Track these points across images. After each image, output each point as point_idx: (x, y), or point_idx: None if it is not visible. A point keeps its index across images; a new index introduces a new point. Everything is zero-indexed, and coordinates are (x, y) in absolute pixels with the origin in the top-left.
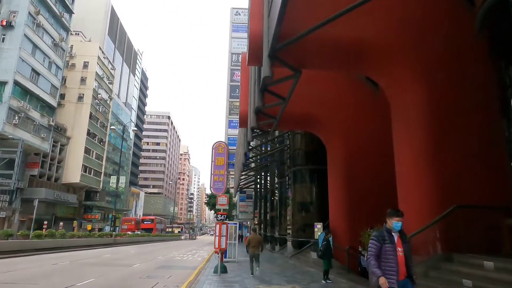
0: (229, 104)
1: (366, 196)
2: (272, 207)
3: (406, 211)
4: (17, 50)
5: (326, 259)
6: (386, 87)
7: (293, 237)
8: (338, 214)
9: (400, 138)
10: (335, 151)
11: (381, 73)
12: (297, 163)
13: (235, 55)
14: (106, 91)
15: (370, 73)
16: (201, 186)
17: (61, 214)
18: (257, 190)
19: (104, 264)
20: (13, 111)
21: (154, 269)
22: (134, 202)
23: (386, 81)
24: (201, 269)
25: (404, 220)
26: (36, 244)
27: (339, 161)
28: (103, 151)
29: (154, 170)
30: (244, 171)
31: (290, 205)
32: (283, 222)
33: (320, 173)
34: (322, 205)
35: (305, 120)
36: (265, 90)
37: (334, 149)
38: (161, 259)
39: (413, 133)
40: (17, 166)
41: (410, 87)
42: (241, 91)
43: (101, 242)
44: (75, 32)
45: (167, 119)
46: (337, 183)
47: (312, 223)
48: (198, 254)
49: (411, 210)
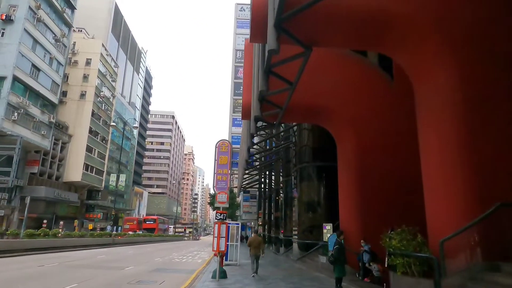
0: (233, 101)
1: (380, 194)
2: (276, 207)
3: (434, 210)
4: (17, 44)
5: (339, 264)
6: (410, 67)
7: (299, 239)
8: (349, 214)
9: (426, 127)
10: (345, 146)
11: (404, 50)
12: (303, 160)
13: (240, 52)
14: (109, 89)
15: (391, 50)
16: (205, 187)
17: (63, 213)
18: (261, 189)
19: (94, 267)
20: (12, 107)
21: (148, 272)
22: (137, 202)
23: (411, 59)
24: (199, 273)
25: (433, 221)
26: (26, 244)
27: (350, 156)
28: (105, 149)
29: (158, 170)
30: (248, 169)
31: (296, 205)
32: (289, 223)
33: (329, 170)
34: (331, 205)
35: (313, 112)
36: (270, 72)
37: (345, 143)
38: (158, 261)
39: (443, 120)
40: (16, 164)
41: (439, 66)
42: (244, 80)
43: (99, 242)
44: (78, 29)
45: (171, 119)
46: (348, 180)
47: (320, 224)
48: (199, 255)
49: (441, 209)
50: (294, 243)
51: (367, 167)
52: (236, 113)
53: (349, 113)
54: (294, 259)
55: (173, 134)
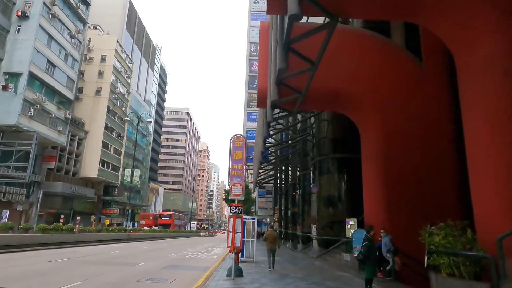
0: (248, 95)
1: (409, 186)
2: (293, 203)
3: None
4: (32, 41)
5: (369, 264)
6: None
7: (318, 235)
8: (375, 208)
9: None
10: (370, 135)
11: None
12: (322, 152)
13: (254, 45)
14: (124, 85)
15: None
16: (220, 183)
17: (80, 208)
18: (276, 185)
19: (105, 263)
20: (28, 103)
21: (160, 269)
22: (153, 198)
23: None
24: (213, 270)
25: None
26: (39, 239)
27: (375, 146)
28: (121, 145)
29: (173, 166)
30: (263, 163)
31: (314, 199)
32: (306, 218)
33: (350, 162)
34: (353, 199)
35: (334, 98)
36: (289, 48)
37: (370, 132)
38: (172, 257)
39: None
40: (32, 159)
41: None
42: (260, 65)
43: (114, 237)
44: (93, 26)
45: (186, 115)
46: (373, 172)
47: (340, 219)
48: (214, 251)
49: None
50: (314, 239)
51: (395, 158)
52: (250, 107)
53: (374, 98)
54: (314, 256)
55: (188, 131)
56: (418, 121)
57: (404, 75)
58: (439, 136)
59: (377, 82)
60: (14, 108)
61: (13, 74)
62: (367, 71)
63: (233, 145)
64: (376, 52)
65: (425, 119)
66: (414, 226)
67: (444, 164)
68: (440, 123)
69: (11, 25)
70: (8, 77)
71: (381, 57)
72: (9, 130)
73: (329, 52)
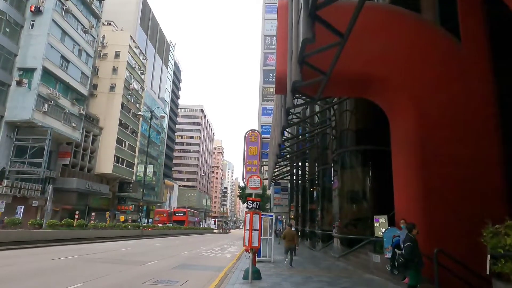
0: (263, 90)
1: (450, 180)
2: (311, 199)
3: None
4: (46, 36)
5: (413, 270)
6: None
7: (341, 233)
8: (408, 205)
9: None
10: (403, 124)
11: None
12: (344, 145)
13: (269, 38)
14: (138, 82)
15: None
16: (234, 181)
17: (95, 205)
18: (293, 181)
19: (113, 261)
20: (42, 98)
21: (170, 269)
22: (168, 195)
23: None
24: (228, 270)
25: None
26: (49, 235)
27: (409, 136)
28: (135, 142)
29: (188, 164)
30: (280, 158)
31: (336, 195)
32: (326, 215)
33: (376, 155)
34: (379, 194)
35: (361, 82)
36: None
37: (402, 120)
38: (185, 256)
39: None
40: (46, 155)
41: None
42: (278, 45)
43: (127, 234)
44: (107, 22)
45: (200, 113)
46: (406, 164)
47: (365, 216)
48: (229, 250)
49: None
50: (336, 238)
51: (432, 149)
52: (265, 102)
53: (407, 82)
54: (335, 256)
55: (202, 128)
56: (458, 105)
57: (441, 54)
58: (483, 122)
59: (410, 62)
60: (29, 104)
61: (27, 69)
62: (399, 51)
63: (248, 140)
64: (409, 29)
65: (466, 103)
66: (457, 225)
67: (490, 153)
68: (483, 108)
69: (25, 20)
70: (23, 73)
71: (415, 34)
72: (24, 125)
73: (356, 31)
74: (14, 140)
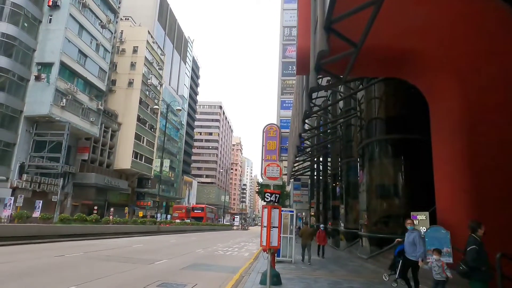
0: (282, 83)
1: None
2: (334, 195)
3: None
4: (63, 30)
5: (478, 281)
6: None
7: (369, 232)
8: (453, 200)
9: None
10: (446, 105)
11: None
12: (373, 134)
13: (288, 29)
14: (156, 77)
15: None
16: (253, 178)
17: (114, 200)
18: (313, 177)
19: (120, 259)
20: (60, 93)
21: (180, 269)
22: (187, 191)
23: None
24: (244, 272)
25: None
26: (59, 230)
27: (454, 120)
28: (154, 138)
29: (207, 160)
30: (301, 152)
31: (363, 190)
32: (350, 212)
33: (410, 144)
34: (413, 188)
35: (396, 59)
36: None
37: (445, 102)
38: (199, 253)
39: None
40: (65, 149)
41: None
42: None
43: (142, 229)
44: (125, 17)
45: (219, 109)
46: (450, 153)
47: (397, 213)
48: (246, 247)
49: None
50: (364, 237)
51: (482, 134)
52: (284, 95)
53: (452, 58)
54: (364, 257)
55: (221, 124)
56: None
57: (491, 28)
58: None
59: (457, 35)
60: (47, 98)
61: (45, 64)
62: (441, 22)
63: (266, 135)
64: None
65: None
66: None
67: None
68: None
69: (43, 15)
70: (41, 68)
71: (462, 3)
72: (42, 120)
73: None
74: (33, 135)
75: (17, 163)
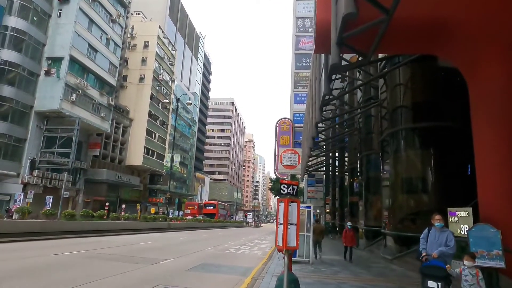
0: (295, 76)
1: None
2: (352, 191)
3: None
4: (72, 24)
5: None
6: None
7: (395, 230)
8: (500, 194)
9: None
10: (490, 85)
11: None
12: (398, 123)
13: (301, 20)
14: (167, 73)
15: None
16: (266, 175)
17: (127, 196)
18: (328, 172)
19: (121, 259)
20: (70, 88)
21: (186, 270)
22: (199, 188)
23: None
24: (256, 274)
25: None
26: (63, 226)
27: (499, 101)
28: (166, 134)
29: (219, 157)
30: (316, 147)
31: (386, 185)
32: (370, 209)
33: (441, 132)
34: (447, 181)
35: (430, 32)
36: None
37: (490, 81)
38: (209, 252)
39: None
40: (75, 145)
41: None
42: None
43: (152, 226)
44: (136, 13)
45: (231, 106)
46: (496, 140)
47: (427, 209)
48: (259, 245)
49: None
50: (388, 236)
51: None
52: (297, 89)
53: (501, 30)
54: (388, 258)
55: (233, 121)
56: None
57: None
58: None
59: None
60: (57, 93)
61: (55, 59)
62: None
63: (279, 129)
64: None
65: None
66: None
67: None
68: None
69: (52, 9)
70: (51, 62)
71: None
72: (53, 115)
73: None
74: (44, 130)
75: (28, 158)
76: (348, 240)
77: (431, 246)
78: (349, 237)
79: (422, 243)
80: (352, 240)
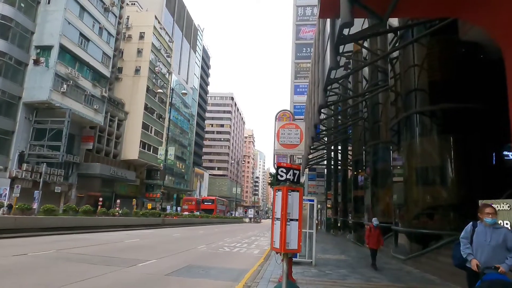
0: (295, 66)
1: None
2: (356, 185)
3: None
4: (62, 11)
5: None
6: None
7: (409, 227)
8: None
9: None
10: None
11: None
12: (412, 106)
13: (301, 8)
14: (164, 65)
15: None
16: (266, 171)
17: (123, 192)
18: (330, 166)
19: (95, 260)
20: (60, 78)
21: (166, 275)
22: (198, 183)
23: None
24: (250, 280)
25: None
26: (41, 222)
27: None
28: (162, 127)
29: (218, 152)
30: (317, 140)
31: (398, 176)
32: (377, 203)
33: (465, 114)
34: (471, 171)
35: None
36: None
37: None
38: (200, 251)
39: None
40: (65, 137)
41: None
42: None
43: (145, 222)
44: (131, 2)
45: (231, 100)
46: None
47: (446, 204)
48: (257, 243)
49: None
50: (401, 234)
51: None
52: (298, 79)
53: None
54: (401, 258)
55: (233, 116)
56: None
57: None
58: None
59: None
60: (46, 84)
61: (44, 47)
62: None
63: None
64: None
65: None
66: None
67: None
68: None
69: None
70: (40, 51)
71: None
72: (42, 107)
73: None
74: (33, 122)
75: (16, 152)
76: (372, 241)
77: (481, 249)
78: (374, 237)
79: (464, 244)
80: (378, 240)
